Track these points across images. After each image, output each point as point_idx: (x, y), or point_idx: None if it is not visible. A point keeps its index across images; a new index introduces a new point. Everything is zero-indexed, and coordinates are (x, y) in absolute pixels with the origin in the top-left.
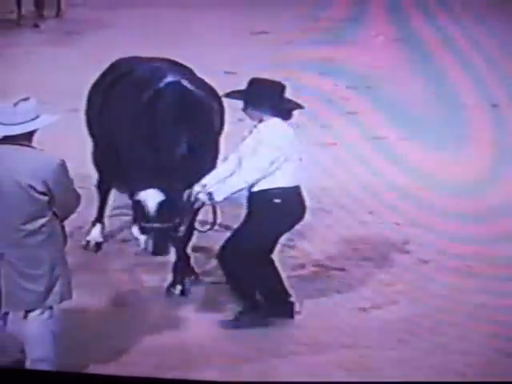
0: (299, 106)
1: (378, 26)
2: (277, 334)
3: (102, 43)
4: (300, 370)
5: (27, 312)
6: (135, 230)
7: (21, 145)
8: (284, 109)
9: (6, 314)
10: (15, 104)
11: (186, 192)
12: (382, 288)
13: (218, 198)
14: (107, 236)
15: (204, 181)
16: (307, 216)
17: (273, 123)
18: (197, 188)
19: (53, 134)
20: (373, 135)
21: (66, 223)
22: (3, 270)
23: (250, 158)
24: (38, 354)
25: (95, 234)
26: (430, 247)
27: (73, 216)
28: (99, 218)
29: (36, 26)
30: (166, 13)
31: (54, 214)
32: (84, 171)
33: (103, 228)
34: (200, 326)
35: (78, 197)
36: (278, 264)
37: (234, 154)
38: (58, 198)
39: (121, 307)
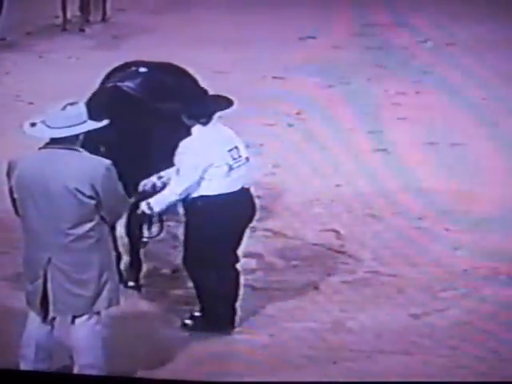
0: (226, 106)
1: (427, 30)
2: (328, 340)
3: (147, 47)
4: (352, 377)
5: (74, 317)
6: None
7: (69, 148)
8: (206, 113)
9: (53, 319)
10: (63, 108)
11: (141, 183)
12: (433, 294)
13: (155, 208)
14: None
15: (162, 173)
16: (357, 221)
17: (196, 132)
18: (153, 179)
19: None
20: (423, 141)
21: None
22: (51, 275)
23: (177, 170)
24: (86, 360)
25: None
26: (480, 253)
27: None
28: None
29: (82, 30)
30: (213, 17)
31: (102, 218)
32: None
33: (150, 226)
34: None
35: (125, 201)
36: (327, 268)
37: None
38: (105, 202)
39: (169, 312)
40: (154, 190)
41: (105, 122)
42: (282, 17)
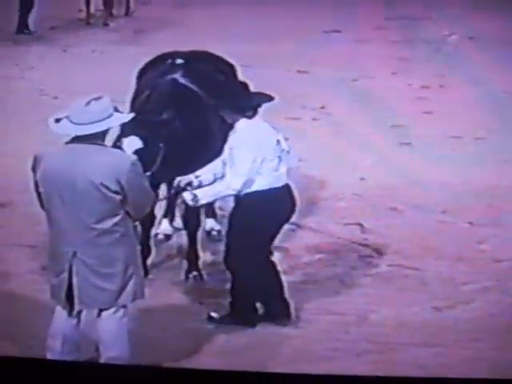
0: (269, 99)
1: (452, 24)
2: (352, 332)
3: (170, 41)
4: (376, 368)
5: (101, 310)
6: None
7: (94, 144)
8: (252, 105)
9: (80, 312)
10: (87, 103)
11: (177, 179)
12: (456, 287)
13: (202, 201)
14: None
15: (198, 172)
16: (381, 215)
17: (243, 125)
18: (190, 177)
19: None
20: (447, 134)
21: None
22: (76, 269)
23: (230, 164)
24: (112, 352)
25: (165, 226)
26: (504, 246)
27: None
28: (168, 211)
29: (106, 24)
30: (237, 11)
31: (127, 213)
32: None
33: (172, 220)
34: None
35: (150, 196)
36: (351, 261)
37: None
38: (130, 197)
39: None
40: (185, 189)
41: (130, 116)
42: (306, 11)
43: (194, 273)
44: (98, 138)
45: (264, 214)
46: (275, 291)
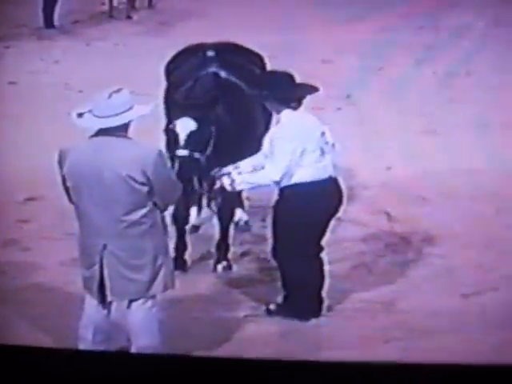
0: (314, 90)
1: (477, 10)
2: (380, 320)
3: (194, 33)
4: (403, 355)
5: (131, 301)
6: None
7: (118, 136)
8: (296, 96)
9: (110, 302)
10: (109, 96)
11: (216, 169)
12: (483, 274)
13: (238, 187)
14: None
15: (239, 163)
16: (408, 203)
17: (287, 116)
18: (230, 168)
19: (146, 124)
20: (474, 122)
21: None
22: (106, 261)
23: (271, 155)
24: (143, 342)
25: (193, 217)
26: None
27: None
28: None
29: (129, 17)
30: (258, 1)
31: (155, 204)
32: None
33: (200, 211)
34: None
35: (176, 186)
36: (378, 249)
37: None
38: (157, 188)
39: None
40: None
41: (151, 106)
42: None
43: (224, 263)
44: (121, 130)
45: (308, 206)
46: (315, 288)
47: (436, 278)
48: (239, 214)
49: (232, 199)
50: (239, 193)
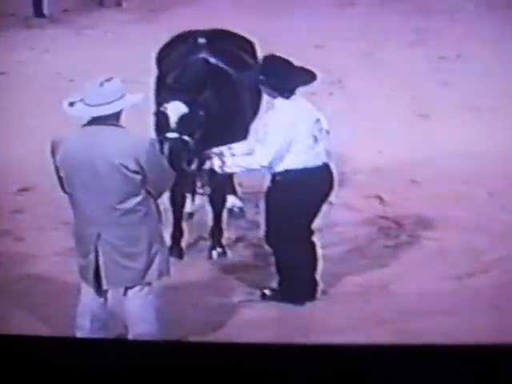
0: (309, 80)
1: None
2: (374, 303)
3: (184, 20)
4: (398, 337)
5: (127, 289)
6: None
7: (110, 125)
8: (289, 86)
9: (107, 290)
10: (100, 84)
11: (209, 150)
12: (476, 256)
13: (228, 169)
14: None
15: (232, 145)
16: (400, 187)
17: (279, 104)
18: (222, 149)
19: (138, 112)
20: (465, 105)
21: None
22: (102, 249)
23: (262, 140)
24: (140, 330)
25: (187, 204)
26: None
27: None
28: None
29: (119, 4)
30: None
31: (148, 192)
32: None
33: (193, 198)
34: None
35: (170, 174)
36: (371, 233)
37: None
38: (150, 177)
39: (217, 279)
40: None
41: (140, 96)
42: None
43: (218, 249)
44: (113, 119)
45: (300, 192)
46: (308, 271)
47: (429, 261)
48: (233, 201)
49: (223, 185)
50: (231, 179)
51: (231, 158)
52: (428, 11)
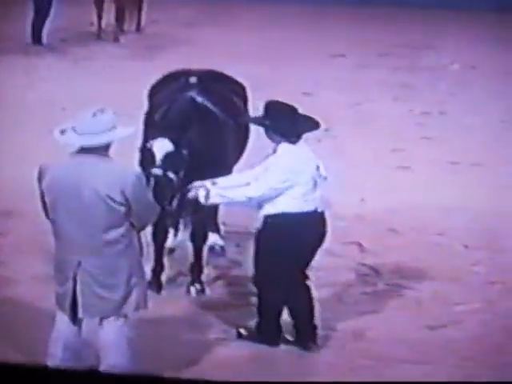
0: (314, 127)
1: (454, 53)
2: (349, 348)
3: (179, 59)
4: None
5: (102, 319)
6: None
7: (100, 155)
8: (296, 132)
9: (81, 320)
10: (93, 114)
11: (194, 183)
12: (449, 307)
13: (212, 199)
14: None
15: (217, 180)
16: (380, 236)
17: (284, 148)
18: (205, 182)
19: (128, 145)
20: (445, 160)
21: None
22: (80, 278)
23: (259, 177)
24: (112, 360)
25: (169, 240)
26: (497, 269)
27: None
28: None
29: (116, 39)
30: (243, 33)
31: (131, 224)
32: None
33: (176, 234)
34: None
35: (154, 208)
36: (349, 279)
37: (251, 170)
38: (135, 209)
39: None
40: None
41: (131, 130)
42: (312, 36)
43: (197, 286)
44: (102, 149)
45: (292, 236)
46: (305, 316)
47: (404, 309)
48: (215, 238)
49: (205, 222)
50: (215, 216)
51: (216, 189)
52: (414, 68)
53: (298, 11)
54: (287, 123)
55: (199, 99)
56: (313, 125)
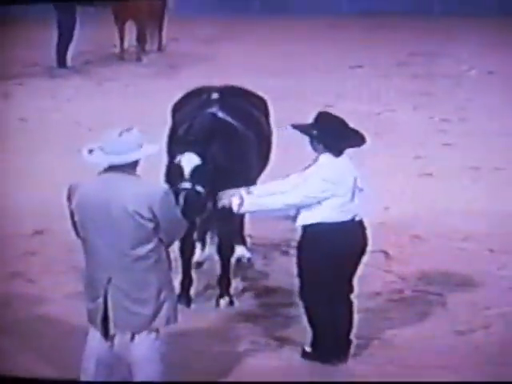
0: (360, 143)
1: (471, 59)
2: (377, 356)
3: (201, 75)
4: None
5: (134, 334)
6: None
7: (127, 173)
8: (341, 146)
9: (114, 335)
10: (120, 134)
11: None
12: (477, 312)
13: (247, 207)
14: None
15: (251, 188)
16: (404, 243)
17: (327, 158)
18: (239, 190)
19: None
20: (467, 165)
21: None
22: (111, 294)
23: (298, 185)
24: (145, 375)
25: (196, 253)
26: None
27: None
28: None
29: (139, 59)
30: (263, 47)
31: (160, 239)
32: None
33: (203, 247)
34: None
35: (182, 223)
36: (376, 287)
37: (285, 179)
38: (163, 225)
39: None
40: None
41: (157, 147)
42: (331, 48)
43: (226, 298)
44: (130, 167)
45: (332, 245)
46: (344, 331)
47: (431, 316)
48: (241, 251)
49: (232, 235)
50: (241, 229)
51: (251, 197)
52: (433, 75)
53: (314, 24)
54: (335, 136)
55: (220, 114)
56: (359, 141)
